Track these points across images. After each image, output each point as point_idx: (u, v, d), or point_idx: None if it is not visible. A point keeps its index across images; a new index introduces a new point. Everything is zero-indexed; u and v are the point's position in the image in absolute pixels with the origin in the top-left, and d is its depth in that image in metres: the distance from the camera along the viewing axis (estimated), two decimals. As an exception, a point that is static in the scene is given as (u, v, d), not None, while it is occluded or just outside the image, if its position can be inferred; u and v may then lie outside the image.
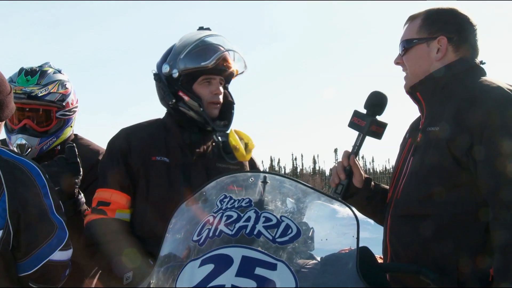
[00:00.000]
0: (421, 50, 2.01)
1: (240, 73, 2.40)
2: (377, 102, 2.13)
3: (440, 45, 1.97)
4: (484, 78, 1.92)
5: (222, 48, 2.24)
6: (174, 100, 2.25)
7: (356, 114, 2.14)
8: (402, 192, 1.98)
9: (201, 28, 2.39)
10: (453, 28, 1.98)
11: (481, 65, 2.00)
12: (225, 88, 2.38)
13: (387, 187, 2.30)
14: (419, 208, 1.88)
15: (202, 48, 2.23)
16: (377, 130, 2.12)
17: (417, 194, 1.89)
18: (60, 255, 1.88)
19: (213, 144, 2.34)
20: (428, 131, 1.93)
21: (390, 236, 1.99)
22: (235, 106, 2.37)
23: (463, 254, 1.76)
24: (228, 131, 2.31)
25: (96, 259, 2.19)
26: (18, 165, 1.85)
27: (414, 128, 2.12)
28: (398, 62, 2.11)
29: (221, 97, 2.29)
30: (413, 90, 2.04)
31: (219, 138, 2.28)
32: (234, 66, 2.32)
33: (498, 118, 1.73)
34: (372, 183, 2.25)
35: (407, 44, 2.04)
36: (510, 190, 1.67)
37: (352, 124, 2.13)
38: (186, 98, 2.23)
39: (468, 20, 2.00)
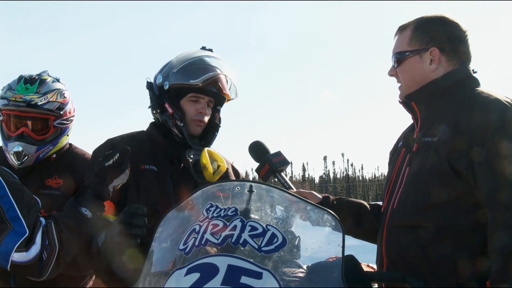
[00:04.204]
0: (414, 62, 2.00)
1: (231, 99, 2.42)
2: (255, 150, 2.33)
3: (433, 56, 1.96)
4: (480, 89, 1.92)
5: (217, 71, 2.26)
6: (158, 110, 2.28)
7: (258, 170, 2.31)
8: (398, 203, 1.96)
9: (203, 48, 2.41)
10: (444, 38, 1.97)
11: (474, 74, 2.00)
12: (216, 110, 2.39)
13: (353, 199, 2.33)
14: (417, 218, 1.87)
15: (196, 67, 2.25)
16: (279, 159, 2.28)
17: (415, 204, 1.88)
18: (18, 256, 1.82)
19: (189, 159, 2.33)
20: (424, 141, 1.92)
21: (386, 246, 1.97)
22: (219, 129, 2.39)
23: (463, 261, 1.76)
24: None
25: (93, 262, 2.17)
26: None
27: (408, 138, 2.10)
28: (392, 74, 2.11)
29: (206, 118, 2.31)
30: (408, 99, 2.04)
31: (191, 156, 2.28)
32: (225, 90, 2.33)
33: (498, 121, 1.74)
34: (332, 198, 2.28)
35: (400, 56, 2.03)
36: (510, 192, 1.68)
37: (264, 177, 2.27)
38: (170, 111, 2.25)
39: (458, 27, 1.99)
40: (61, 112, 2.63)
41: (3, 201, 1.86)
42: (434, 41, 1.97)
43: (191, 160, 2.28)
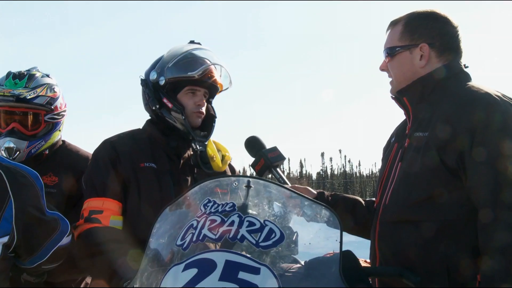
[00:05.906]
0: (404, 57, 2.01)
1: (224, 89, 2.45)
2: (251, 145, 2.36)
3: (423, 52, 1.97)
4: (470, 84, 1.93)
5: (209, 62, 2.29)
6: (157, 106, 2.28)
7: (253, 165, 2.33)
8: (390, 198, 1.97)
9: (192, 42, 2.44)
10: (434, 33, 1.98)
11: (465, 69, 2.00)
12: (209, 102, 2.42)
13: (348, 195, 2.35)
14: (408, 213, 1.88)
15: (190, 60, 2.27)
16: (274, 154, 2.30)
17: (407, 200, 1.89)
18: (66, 239, 2.06)
19: (192, 152, 2.35)
20: (415, 136, 1.93)
21: (379, 242, 1.98)
22: (216, 120, 2.42)
23: (455, 255, 1.77)
24: (206, 142, 2.34)
25: (94, 271, 2.15)
26: (19, 170, 1.88)
27: (400, 133, 2.11)
28: (383, 68, 2.12)
29: (203, 108, 2.33)
30: (399, 95, 2.05)
31: (197, 147, 2.30)
32: (220, 80, 2.37)
33: (490, 117, 1.73)
34: (327, 194, 2.30)
35: (390, 51, 2.05)
36: (511, 191, 1.67)
37: (260, 173, 2.29)
38: (169, 105, 2.26)
39: (449, 22, 2.00)
40: (52, 107, 2.61)
41: (43, 200, 1.93)
42: (424, 37, 1.98)
43: (198, 152, 2.29)
